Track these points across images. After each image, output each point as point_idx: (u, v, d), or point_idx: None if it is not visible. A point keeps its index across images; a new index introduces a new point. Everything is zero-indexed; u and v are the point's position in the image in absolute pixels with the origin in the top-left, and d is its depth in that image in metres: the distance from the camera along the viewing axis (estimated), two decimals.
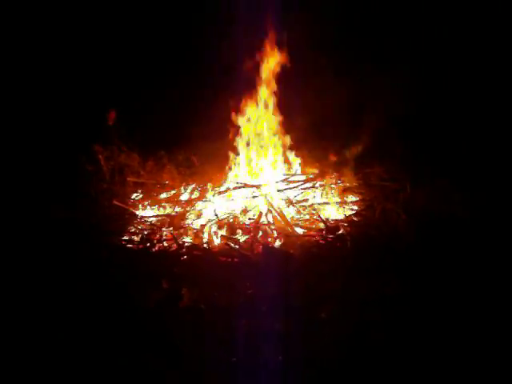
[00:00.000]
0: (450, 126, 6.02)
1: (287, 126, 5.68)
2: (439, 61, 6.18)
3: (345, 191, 5.37)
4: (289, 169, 5.75)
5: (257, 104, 5.61)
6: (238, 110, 5.62)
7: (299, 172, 5.73)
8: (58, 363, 2.94)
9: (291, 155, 5.76)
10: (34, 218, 4.76)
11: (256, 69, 5.55)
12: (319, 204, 5.13)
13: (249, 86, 5.60)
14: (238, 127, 5.62)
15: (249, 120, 5.63)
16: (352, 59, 6.05)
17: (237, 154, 5.64)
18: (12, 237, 4.43)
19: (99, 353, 3.01)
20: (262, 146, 5.63)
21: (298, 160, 5.78)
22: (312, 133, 5.93)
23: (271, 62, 5.51)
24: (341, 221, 4.79)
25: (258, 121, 5.64)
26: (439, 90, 6.13)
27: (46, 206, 4.97)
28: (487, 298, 3.44)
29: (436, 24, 6.12)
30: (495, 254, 3.99)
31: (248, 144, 5.66)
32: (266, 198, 5.02)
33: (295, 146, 5.75)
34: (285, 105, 5.64)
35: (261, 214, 4.80)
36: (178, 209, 5.17)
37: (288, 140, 5.68)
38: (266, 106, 5.62)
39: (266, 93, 5.59)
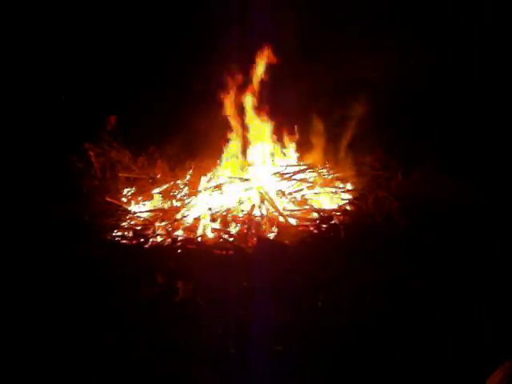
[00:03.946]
0: (440, 112, 6.03)
1: (278, 118, 5.67)
2: (435, 45, 6.16)
3: (337, 180, 5.38)
4: (281, 160, 5.74)
5: (247, 98, 5.60)
6: (229, 104, 5.61)
7: (291, 163, 5.72)
8: (54, 359, 2.93)
9: (283, 146, 5.76)
10: (25, 217, 4.74)
11: (245, 62, 5.54)
12: (312, 194, 5.13)
13: (239, 80, 5.59)
14: (229, 122, 5.61)
15: (240, 114, 5.62)
16: (343, 42, 6.00)
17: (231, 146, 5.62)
18: (3, 236, 4.40)
19: (96, 348, 3.00)
20: (254, 139, 5.62)
21: (291, 151, 5.77)
22: (303, 124, 5.91)
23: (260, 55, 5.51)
24: (334, 210, 4.80)
25: (250, 115, 5.63)
26: (429, 74, 6.13)
27: (36, 204, 4.95)
28: (483, 283, 3.45)
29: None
30: (488, 237, 4.01)
31: (240, 137, 5.65)
32: (258, 190, 5.01)
33: (287, 138, 5.75)
34: (275, 97, 5.63)
35: (254, 206, 4.79)
36: (170, 203, 5.16)
37: (280, 131, 5.69)
38: (257, 100, 5.60)
39: (256, 86, 5.58)
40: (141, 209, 5.17)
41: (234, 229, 4.57)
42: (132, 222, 4.87)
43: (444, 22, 6.06)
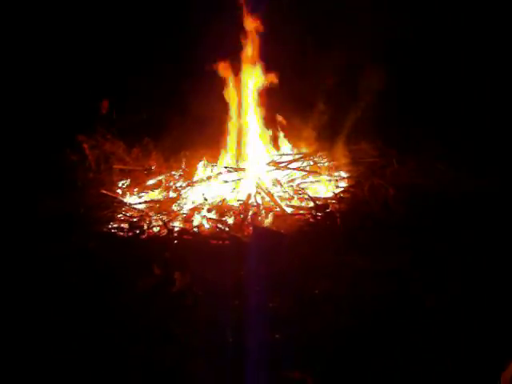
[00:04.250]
0: (437, 100, 6.01)
1: (275, 107, 5.66)
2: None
3: (332, 169, 5.37)
4: (277, 149, 5.73)
5: (242, 87, 5.58)
6: (225, 94, 5.59)
7: (287, 152, 5.72)
8: (50, 350, 2.92)
9: (279, 135, 5.75)
10: (20, 210, 4.71)
11: (239, 53, 5.51)
12: (308, 183, 5.12)
13: (234, 70, 5.57)
14: (226, 111, 5.59)
15: (236, 104, 5.60)
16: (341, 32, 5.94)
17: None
18: None
19: (92, 340, 2.99)
20: (249, 128, 5.61)
21: (286, 140, 5.77)
22: (300, 112, 5.89)
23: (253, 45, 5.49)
24: (329, 198, 4.79)
25: (245, 104, 5.61)
26: (425, 62, 6.11)
27: (32, 197, 4.92)
28: (484, 272, 3.45)
29: None
30: (486, 224, 4.01)
31: (236, 126, 5.63)
32: (254, 179, 5.01)
33: (283, 126, 5.74)
34: (271, 84, 5.60)
35: (249, 195, 4.78)
36: (166, 194, 5.16)
37: (276, 120, 5.68)
38: (252, 88, 5.58)
39: (251, 75, 5.56)
40: (136, 200, 5.15)
41: (229, 218, 4.56)
42: (128, 214, 4.85)
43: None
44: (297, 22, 5.84)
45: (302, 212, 4.60)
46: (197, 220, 4.56)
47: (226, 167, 5.37)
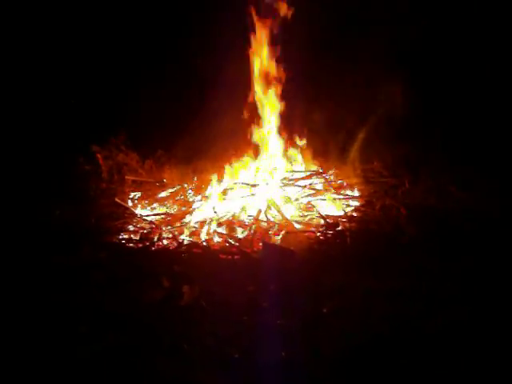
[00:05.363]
0: (446, 121, 6.01)
1: (288, 123, 5.69)
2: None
3: (344, 187, 5.36)
4: (289, 166, 5.75)
5: (257, 101, 5.62)
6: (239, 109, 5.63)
7: (299, 169, 5.72)
8: (56, 359, 2.92)
9: (291, 152, 5.77)
10: (31, 219, 4.75)
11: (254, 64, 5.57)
12: (319, 200, 5.11)
13: (248, 81, 5.61)
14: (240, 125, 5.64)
15: (248, 118, 5.64)
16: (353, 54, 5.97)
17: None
18: (10, 237, 4.41)
19: (100, 353, 2.99)
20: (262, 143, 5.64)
21: (298, 156, 5.78)
22: (312, 129, 5.91)
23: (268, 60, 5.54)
24: (340, 217, 4.78)
25: (259, 118, 5.65)
26: (437, 83, 6.11)
27: (44, 206, 4.96)
28: (489, 289, 3.42)
29: None
30: (494, 245, 3.98)
31: (249, 142, 5.67)
32: (265, 195, 5.01)
33: (295, 143, 5.77)
34: (285, 103, 5.64)
35: (260, 211, 4.78)
36: (177, 207, 5.18)
37: (288, 136, 5.71)
38: (267, 103, 5.62)
39: (266, 90, 5.61)
40: (147, 212, 5.17)
41: (239, 234, 4.56)
42: (138, 225, 4.87)
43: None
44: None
45: (312, 229, 4.59)
46: (207, 234, 4.56)
47: (237, 182, 5.39)
